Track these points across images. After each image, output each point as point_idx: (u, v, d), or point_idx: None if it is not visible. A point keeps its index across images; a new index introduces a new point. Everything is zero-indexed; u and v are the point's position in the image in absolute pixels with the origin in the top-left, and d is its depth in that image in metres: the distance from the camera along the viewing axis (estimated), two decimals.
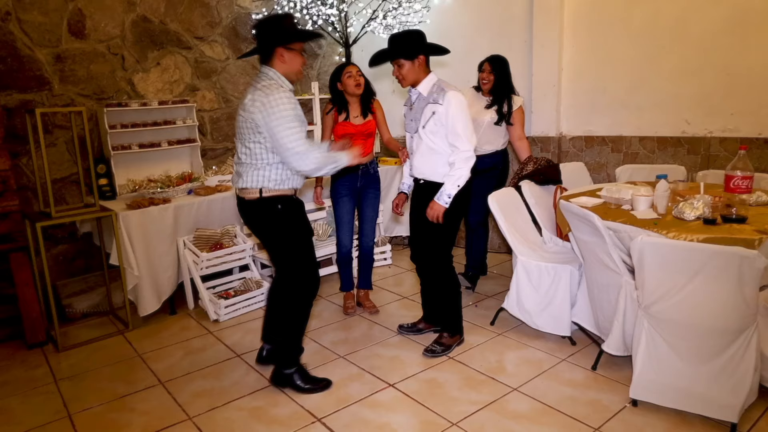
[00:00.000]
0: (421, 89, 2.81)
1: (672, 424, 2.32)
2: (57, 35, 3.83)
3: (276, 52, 2.45)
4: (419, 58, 2.74)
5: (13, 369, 3.12)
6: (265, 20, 2.51)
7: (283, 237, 2.57)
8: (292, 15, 2.55)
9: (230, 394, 2.73)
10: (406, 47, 2.72)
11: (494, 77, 3.67)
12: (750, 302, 2.12)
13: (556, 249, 3.33)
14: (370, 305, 3.71)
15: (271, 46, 2.44)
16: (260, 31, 2.48)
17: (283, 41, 2.44)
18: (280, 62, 2.47)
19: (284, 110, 2.35)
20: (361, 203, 3.51)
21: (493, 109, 3.70)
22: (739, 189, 2.90)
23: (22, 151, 3.73)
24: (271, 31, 2.45)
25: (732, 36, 3.58)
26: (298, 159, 2.39)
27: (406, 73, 2.76)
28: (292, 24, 2.50)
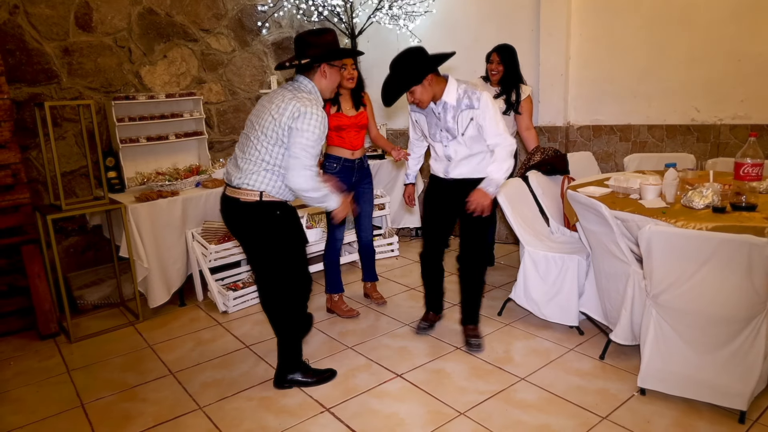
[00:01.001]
0: (447, 99, 2.69)
1: (680, 412, 2.32)
2: (64, 28, 3.85)
3: (320, 67, 2.42)
4: (428, 78, 2.62)
5: (26, 359, 3.17)
6: (311, 34, 2.45)
7: (280, 243, 2.49)
8: (335, 32, 2.53)
9: (240, 384, 2.76)
10: (413, 74, 2.59)
11: (503, 68, 3.64)
12: (759, 290, 2.11)
13: (564, 239, 3.32)
14: (378, 296, 3.71)
15: (315, 61, 2.41)
16: (305, 46, 2.43)
17: (329, 58, 2.42)
18: (321, 77, 2.44)
19: (315, 127, 2.31)
20: (357, 198, 3.43)
21: (501, 98, 3.68)
22: (749, 176, 2.87)
23: (31, 144, 3.76)
24: (319, 47, 2.41)
25: (741, 22, 3.53)
26: (299, 170, 2.33)
27: (421, 97, 2.65)
28: (336, 41, 2.49)
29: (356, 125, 3.29)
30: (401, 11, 4.94)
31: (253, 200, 2.40)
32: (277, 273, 2.54)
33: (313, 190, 2.39)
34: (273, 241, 2.48)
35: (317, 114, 2.31)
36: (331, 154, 3.33)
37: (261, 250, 2.53)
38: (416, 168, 3.21)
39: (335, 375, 2.77)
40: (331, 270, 3.51)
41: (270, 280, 2.57)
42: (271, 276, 2.56)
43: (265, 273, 2.57)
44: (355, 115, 3.29)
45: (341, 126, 3.24)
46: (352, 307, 3.56)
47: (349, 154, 3.31)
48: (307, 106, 2.31)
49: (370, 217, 3.58)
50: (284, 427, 2.38)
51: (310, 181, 2.36)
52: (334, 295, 3.54)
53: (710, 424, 2.23)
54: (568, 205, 3.02)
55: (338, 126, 3.24)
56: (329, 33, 2.47)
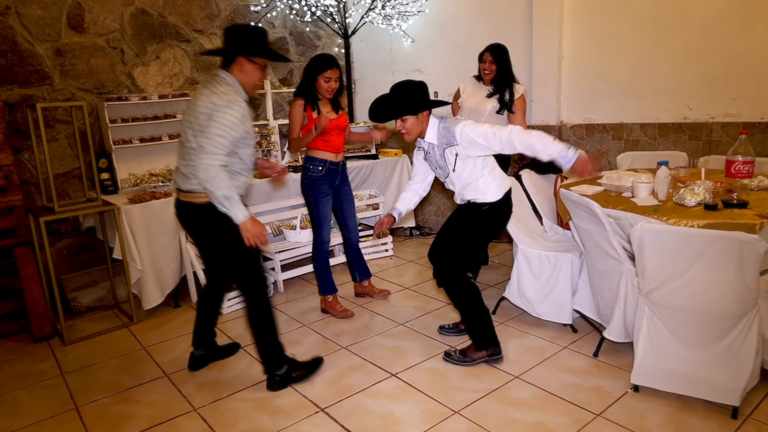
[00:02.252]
0: (429, 139, 2.70)
1: (673, 408, 2.34)
2: (56, 29, 3.83)
3: (237, 60, 2.42)
4: (424, 113, 2.66)
5: (20, 362, 3.15)
6: (236, 27, 2.48)
7: (232, 242, 2.48)
8: (266, 31, 2.54)
9: (234, 385, 2.75)
10: (412, 104, 2.62)
11: (496, 67, 3.62)
12: (751, 286, 2.12)
13: (557, 237, 3.34)
14: (379, 291, 3.76)
15: (234, 54, 2.42)
16: (228, 36, 2.44)
17: (247, 52, 2.42)
18: (238, 71, 2.44)
19: (230, 116, 2.30)
20: (340, 200, 3.45)
21: (495, 98, 3.68)
22: (741, 174, 2.89)
23: (24, 146, 3.74)
24: (238, 39, 2.43)
25: (733, 20, 3.55)
26: (203, 157, 2.29)
27: (410, 128, 2.66)
28: (262, 39, 2.48)
29: (338, 127, 3.29)
30: (394, 11, 4.95)
31: (205, 201, 2.43)
32: (238, 269, 2.59)
33: (216, 185, 2.31)
34: (229, 238, 2.48)
35: (234, 105, 2.32)
36: (316, 157, 3.27)
37: (220, 249, 2.57)
38: (406, 206, 2.98)
39: (322, 361, 2.84)
40: (321, 272, 3.49)
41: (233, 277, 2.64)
42: (233, 272, 2.63)
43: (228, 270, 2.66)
44: (337, 117, 3.29)
45: (324, 129, 3.20)
46: (347, 308, 3.55)
47: (333, 156, 3.30)
48: (223, 97, 2.32)
49: (355, 216, 3.61)
50: (279, 428, 2.38)
51: (212, 171, 2.30)
52: (328, 296, 3.54)
53: (703, 420, 2.25)
54: (561, 204, 3.04)
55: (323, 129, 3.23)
56: (257, 31, 2.48)
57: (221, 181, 2.33)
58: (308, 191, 3.34)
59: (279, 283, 4.00)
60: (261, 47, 2.47)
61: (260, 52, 2.47)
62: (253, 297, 2.61)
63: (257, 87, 2.58)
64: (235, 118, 2.32)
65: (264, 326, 2.64)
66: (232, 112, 2.32)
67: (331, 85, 3.16)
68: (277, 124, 4.68)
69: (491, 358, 2.81)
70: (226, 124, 2.30)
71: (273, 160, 4.53)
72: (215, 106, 2.31)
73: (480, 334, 2.81)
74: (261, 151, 4.54)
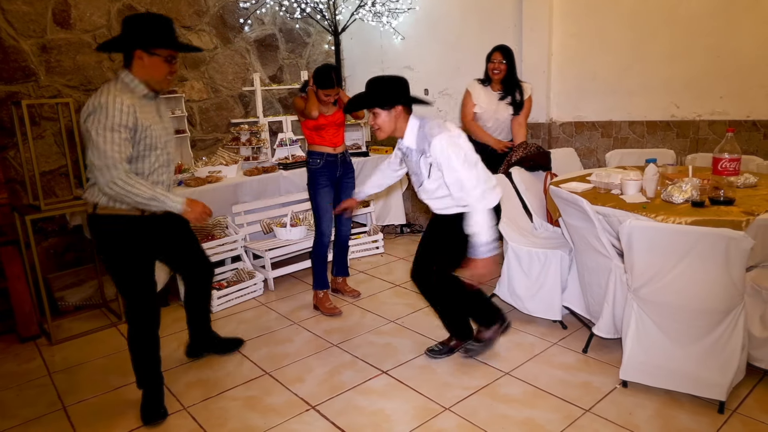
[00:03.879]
0: (407, 143, 2.54)
1: (661, 403, 2.36)
2: (42, 25, 3.78)
3: (135, 53, 2.19)
4: (396, 108, 2.47)
5: (6, 363, 3.11)
6: (133, 17, 2.25)
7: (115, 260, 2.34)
8: (170, 20, 2.26)
9: (224, 383, 2.74)
10: (383, 96, 2.46)
11: (506, 67, 3.63)
12: (737, 283, 2.15)
13: (547, 234, 3.35)
14: (351, 290, 3.77)
15: (131, 47, 2.19)
16: (124, 28, 2.21)
17: (144, 44, 2.18)
18: (138, 65, 2.20)
19: (113, 116, 2.10)
20: (339, 193, 3.51)
21: (507, 101, 3.69)
22: (727, 171, 2.93)
23: (9, 144, 3.69)
24: (134, 30, 2.18)
25: (720, 19, 3.58)
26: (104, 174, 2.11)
27: (382, 123, 2.49)
28: (164, 28, 2.22)
29: (334, 123, 3.38)
30: (384, 8, 4.94)
31: (88, 212, 2.30)
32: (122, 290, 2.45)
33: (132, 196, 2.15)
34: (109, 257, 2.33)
35: (105, 106, 2.09)
36: (314, 150, 3.40)
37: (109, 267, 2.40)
38: (371, 190, 3.00)
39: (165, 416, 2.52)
40: (317, 266, 3.52)
41: None
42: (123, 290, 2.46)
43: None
44: (333, 114, 3.38)
45: (320, 125, 3.33)
46: (336, 306, 3.56)
47: (331, 149, 3.39)
48: (96, 99, 2.10)
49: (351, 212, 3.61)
50: (269, 426, 2.37)
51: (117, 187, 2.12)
52: (320, 291, 3.55)
53: (690, 415, 2.27)
54: (550, 201, 3.05)
55: (317, 126, 3.33)
56: (158, 19, 2.24)
57: (130, 189, 2.13)
58: (309, 184, 3.46)
59: (269, 281, 3.98)
60: (160, 37, 2.20)
61: (159, 42, 2.20)
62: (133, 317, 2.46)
63: (167, 81, 2.31)
64: (114, 118, 2.09)
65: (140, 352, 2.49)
66: (101, 117, 2.08)
67: (329, 99, 3.29)
68: (267, 122, 4.66)
69: (502, 327, 2.80)
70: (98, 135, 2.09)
71: (263, 157, 4.52)
72: (87, 114, 2.11)
73: (486, 312, 2.78)
74: (251, 149, 4.52)
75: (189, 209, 2.31)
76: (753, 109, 3.56)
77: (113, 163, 2.11)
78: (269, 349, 3.08)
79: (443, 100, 5.04)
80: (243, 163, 4.42)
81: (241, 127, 4.57)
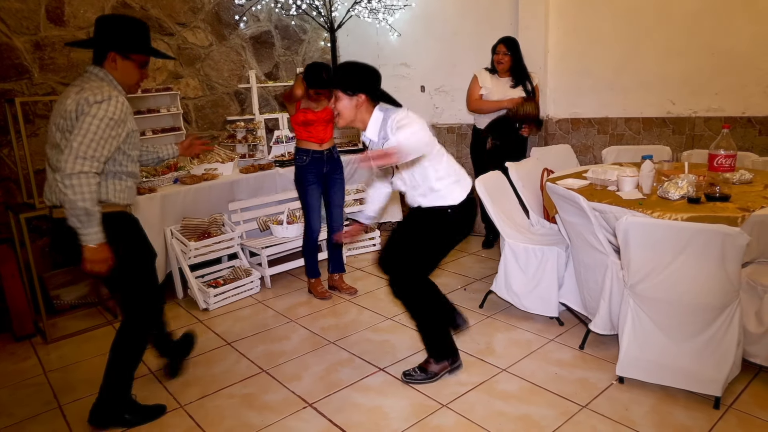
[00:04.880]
0: (369, 134, 2.40)
1: (657, 399, 2.37)
2: (35, 22, 3.75)
3: (109, 56, 2.14)
4: (359, 96, 2.32)
5: (1, 362, 3.10)
6: (109, 17, 2.23)
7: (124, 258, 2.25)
8: (146, 25, 2.24)
9: (221, 381, 2.74)
10: (348, 80, 2.32)
11: (510, 57, 3.88)
12: (733, 279, 2.15)
13: (543, 231, 3.36)
14: (347, 287, 3.79)
15: (105, 48, 2.14)
16: (99, 28, 2.16)
17: (120, 47, 2.14)
18: (111, 67, 2.16)
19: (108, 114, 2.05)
20: (328, 189, 3.55)
21: (519, 88, 3.94)
22: (723, 168, 2.93)
23: (3, 142, 3.66)
24: (111, 31, 2.15)
25: (716, 15, 3.58)
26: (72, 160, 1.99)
27: (342, 109, 2.35)
28: (141, 33, 2.20)
29: (323, 120, 3.42)
30: (380, 4, 4.93)
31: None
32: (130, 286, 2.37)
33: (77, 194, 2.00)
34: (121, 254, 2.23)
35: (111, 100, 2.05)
36: (301, 147, 3.46)
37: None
38: (374, 208, 2.75)
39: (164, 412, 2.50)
40: (309, 258, 3.68)
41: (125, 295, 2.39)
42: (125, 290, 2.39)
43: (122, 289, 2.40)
44: (322, 110, 3.41)
45: (308, 121, 3.37)
46: (327, 290, 3.74)
47: (318, 146, 3.43)
48: (96, 92, 2.04)
49: (341, 208, 3.67)
50: (266, 424, 2.37)
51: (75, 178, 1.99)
52: (312, 279, 3.72)
53: (686, 410, 2.28)
54: (547, 198, 3.05)
55: (305, 121, 3.37)
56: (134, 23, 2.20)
57: (86, 191, 2.01)
58: (297, 180, 3.51)
59: (266, 278, 3.98)
60: (137, 42, 2.18)
61: (136, 47, 2.18)
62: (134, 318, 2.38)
63: (135, 88, 2.29)
64: (114, 115, 2.06)
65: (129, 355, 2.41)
66: (110, 108, 2.05)
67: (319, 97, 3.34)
68: (263, 119, 4.65)
69: (453, 366, 2.66)
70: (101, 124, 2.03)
71: (259, 155, 4.50)
72: (87, 103, 2.03)
73: (441, 345, 2.62)
74: (247, 146, 4.51)
75: (97, 253, 2.11)
76: (748, 105, 3.57)
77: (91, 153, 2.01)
78: (266, 347, 3.07)
79: (439, 97, 5.04)
80: (239, 161, 4.41)
81: (237, 125, 4.55)
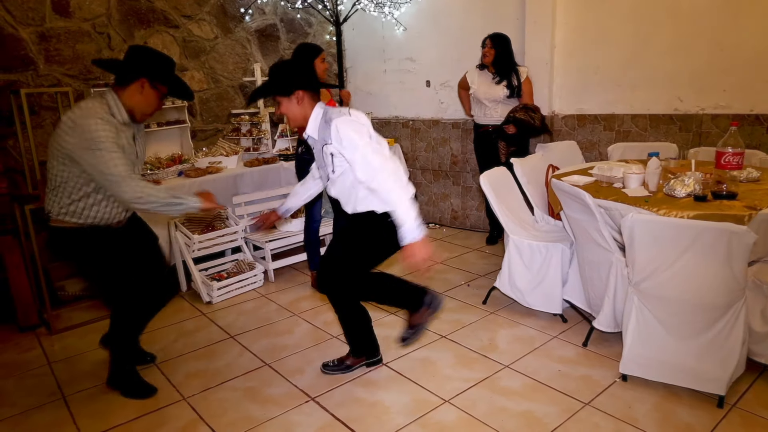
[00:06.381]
0: (310, 131, 2.36)
1: (661, 397, 2.36)
2: (41, 13, 3.75)
3: (140, 80, 2.28)
4: (297, 94, 2.29)
5: (6, 352, 3.11)
6: (146, 49, 2.40)
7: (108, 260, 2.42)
8: (174, 62, 2.43)
9: (224, 374, 2.74)
10: (279, 82, 2.31)
11: (494, 51, 3.98)
12: (739, 277, 2.14)
13: (548, 228, 3.34)
14: None
15: (139, 73, 2.28)
16: (135, 55, 2.32)
17: (154, 76, 2.30)
18: (135, 92, 2.29)
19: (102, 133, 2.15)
20: None
21: (503, 84, 4.01)
22: (730, 165, 2.91)
23: (8, 133, 3.67)
24: (148, 59, 2.30)
25: (724, 12, 3.55)
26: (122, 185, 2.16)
27: (286, 111, 2.32)
28: (170, 67, 2.38)
29: None
30: None
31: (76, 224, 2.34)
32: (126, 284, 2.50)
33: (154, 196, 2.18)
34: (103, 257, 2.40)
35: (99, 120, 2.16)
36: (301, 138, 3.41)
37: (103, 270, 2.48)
38: (296, 203, 2.72)
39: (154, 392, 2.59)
40: (310, 249, 3.68)
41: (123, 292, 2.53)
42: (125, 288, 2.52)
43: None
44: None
45: None
46: None
47: None
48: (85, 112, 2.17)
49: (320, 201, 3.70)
50: (269, 417, 2.37)
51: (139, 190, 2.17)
52: (315, 271, 3.69)
53: (690, 409, 2.27)
54: (552, 194, 3.04)
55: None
56: (168, 60, 2.38)
57: (153, 191, 2.20)
58: (297, 170, 3.55)
59: (269, 272, 3.98)
60: (169, 75, 2.36)
61: (167, 79, 2.35)
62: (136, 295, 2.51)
63: (148, 116, 2.41)
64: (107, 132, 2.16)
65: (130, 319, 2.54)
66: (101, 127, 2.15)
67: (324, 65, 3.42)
68: (268, 113, 4.64)
69: (370, 361, 2.70)
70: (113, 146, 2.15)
71: (263, 148, 4.50)
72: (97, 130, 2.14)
73: (361, 342, 2.66)
74: (252, 139, 4.50)
75: (204, 203, 2.35)
76: (756, 103, 3.54)
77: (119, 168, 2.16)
78: (269, 341, 3.08)
79: (445, 91, 5.01)
80: (243, 154, 4.41)
81: (242, 118, 4.55)
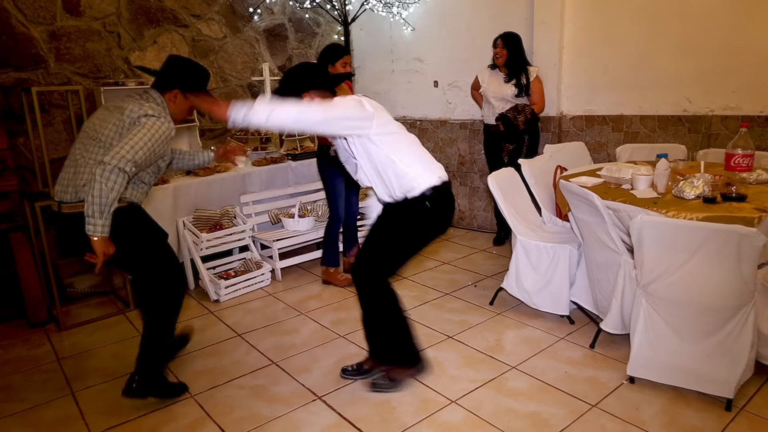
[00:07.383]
0: None
1: (668, 400, 2.35)
2: (51, 12, 3.78)
3: (173, 91, 2.42)
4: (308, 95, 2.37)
5: (15, 348, 3.14)
6: (183, 59, 2.53)
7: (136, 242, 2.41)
8: (209, 73, 2.57)
9: (231, 372, 2.76)
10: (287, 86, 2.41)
11: (506, 51, 3.99)
12: (748, 280, 2.13)
13: (556, 229, 3.34)
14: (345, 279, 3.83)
15: (173, 84, 2.42)
16: (172, 66, 2.46)
17: (187, 87, 2.44)
18: (170, 100, 2.43)
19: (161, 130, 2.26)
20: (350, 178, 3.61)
21: (512, 83, 4.01)
22: (740, 167, 2.89)
23: (19, 131, 3.70)
24: (183, 71, 2.45)
25: (733, 12, 3.53)
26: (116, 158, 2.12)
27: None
28: (205, 80, 2.51)
29: None
30: None
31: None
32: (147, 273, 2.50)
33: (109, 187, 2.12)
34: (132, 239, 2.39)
35: (166, 121, 2.30)
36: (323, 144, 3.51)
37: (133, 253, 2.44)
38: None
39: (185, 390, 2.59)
40: (328, 244, 3.71)
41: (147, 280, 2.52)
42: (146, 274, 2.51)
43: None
44: None
45: None
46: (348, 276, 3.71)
47: None
48: (156, 110, 2.29)
49: (358, 190, 3.76)
50: (276, 415, 2.39)
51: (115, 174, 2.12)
52: (330, 267, 3.72)
53: (697, 412, 2.27)
54: (560, 195, 3.03)
55: None
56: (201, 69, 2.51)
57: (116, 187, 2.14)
58: (323, 171, 3.58)
59: (277, 271, 3.99)
60: (202, 86, 2.49)
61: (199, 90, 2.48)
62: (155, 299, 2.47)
63: (177, 122, 2.50)
64: (164, 134, 2.29)
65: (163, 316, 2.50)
66: (162, 127, 2.28)
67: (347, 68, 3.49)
68: None
69: (417, 371, 2.56)
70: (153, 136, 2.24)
71: (271, 148, 4.51)
72: (147, 116, 2.26)
73: (406, 351, 2.50)
74: (260, 139, 4.52)
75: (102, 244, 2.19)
76: (766, 104, 3.52)
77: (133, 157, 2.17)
78: (276, 339, 3.09)
79: (452, 92, 5.01)
80: (252, 154, 4.42)
81: None
